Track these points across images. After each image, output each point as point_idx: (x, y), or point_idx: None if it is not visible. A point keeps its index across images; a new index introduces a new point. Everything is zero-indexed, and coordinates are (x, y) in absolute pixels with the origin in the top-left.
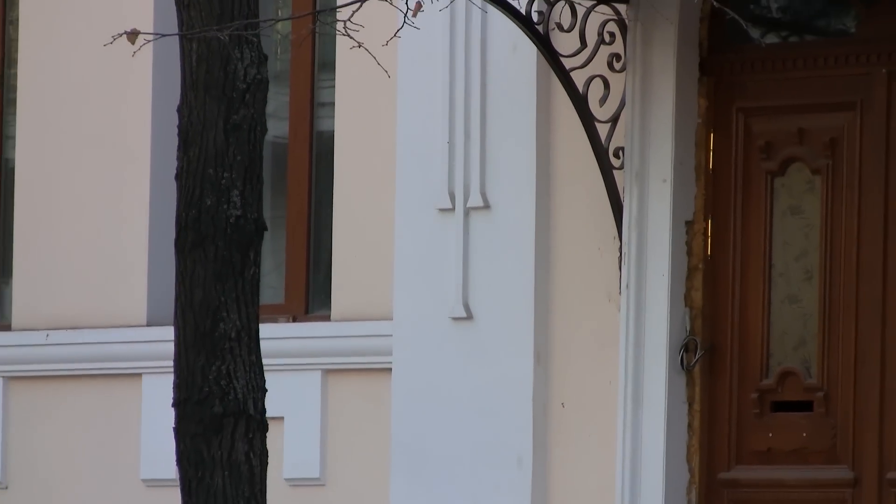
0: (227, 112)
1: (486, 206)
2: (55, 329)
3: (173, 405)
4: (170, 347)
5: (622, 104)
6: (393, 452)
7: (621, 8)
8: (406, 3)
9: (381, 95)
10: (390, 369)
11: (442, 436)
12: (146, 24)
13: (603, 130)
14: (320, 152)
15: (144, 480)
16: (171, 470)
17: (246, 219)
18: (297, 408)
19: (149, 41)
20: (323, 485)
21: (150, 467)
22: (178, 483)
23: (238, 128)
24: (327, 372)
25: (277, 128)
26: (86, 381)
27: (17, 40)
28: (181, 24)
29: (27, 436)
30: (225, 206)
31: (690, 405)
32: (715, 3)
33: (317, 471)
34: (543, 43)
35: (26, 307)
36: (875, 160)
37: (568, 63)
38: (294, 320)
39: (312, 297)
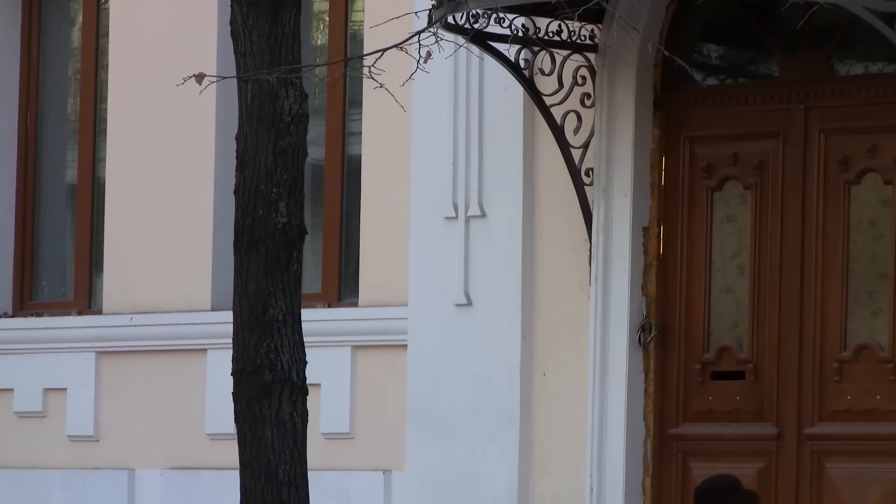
0: (275, 139)
1: (483, 215)
2: (137, 313)
3: (232, 374)
4: (229, 328)
5: (592, 133)
6: (408, 412)
7: (591, 56)
8: (419, 52)
9: (399, 126)
10: (406, 345)
11: (447, 399)
12: (210, 68)
13: (576, 154)
14: (350, 172)
15: (209, 434)
16: (230, 426)
17: (290, 225)
18: (332, 376)
19: (212, 82)
20: (352, 438)
21: (213, 424)
22: (235, 437)
23: (284, 152)
24: (356, 347)
25: (316, 152)
26: (162, 355)
27: (106, 82)
28: (238, 68)
29: (114, 398)
30: (273, 215)
31: (646, 374)
32: (666, 53)
33: (347, 427)
34: (529, 84)
35: (114, 295)
36: (794, 178)
37: (548, 100)
38: (329, 306)
39: (344, 288)
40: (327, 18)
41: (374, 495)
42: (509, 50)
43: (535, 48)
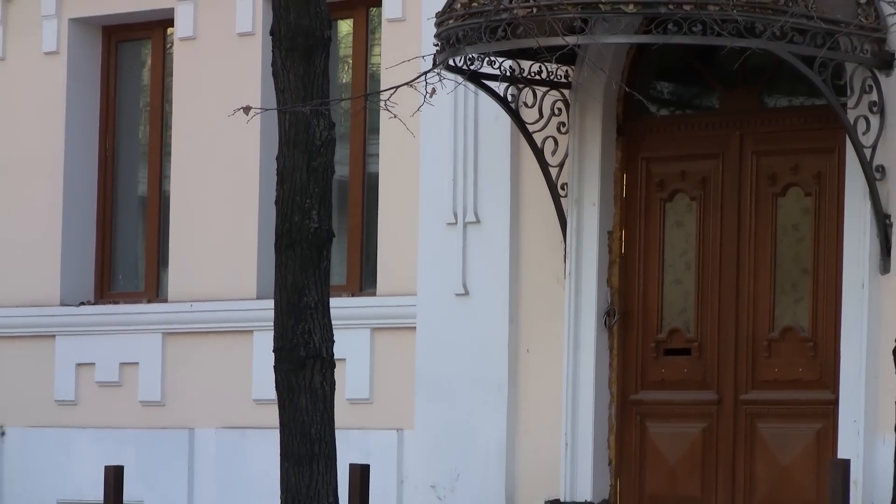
0: (308, 160)
1: (478, 222)
2: (196, 301)
3: (273, 351)
4: (271, 313)
5: (566, 155)
6: (416, 381)
7: (566, 92)
8: (426, 89)
9: (410, 149)
10: (415, 327)
11: (448, 371)
12: (255, 102)
13: (553, 172)
14: (370, 186)
15: (254, 400)
16: (271, 393)
17: (321, 229)
18: (354, 352)
19: (257, 113)
20: (371, 402)
21: (258, 391)
22: (276, 402)
23: (315, 170)
24: (374, 329)
25: (341, 170)
26: (216, 335)
27: (171, 113)
28: (278, 102)
29: (177, 371)
30: (307, 222)
31: (611, 351)
32: (626, 89)
33: (367, 393)
34: (515, 115)
35: (177, 287)
36: (731, 191)
37: (531, 128)
38: (352, 295)
39: (364, 280)
40: (351, 61)
41: (388, 449)
42: (499, 87)
43: (520, 85)
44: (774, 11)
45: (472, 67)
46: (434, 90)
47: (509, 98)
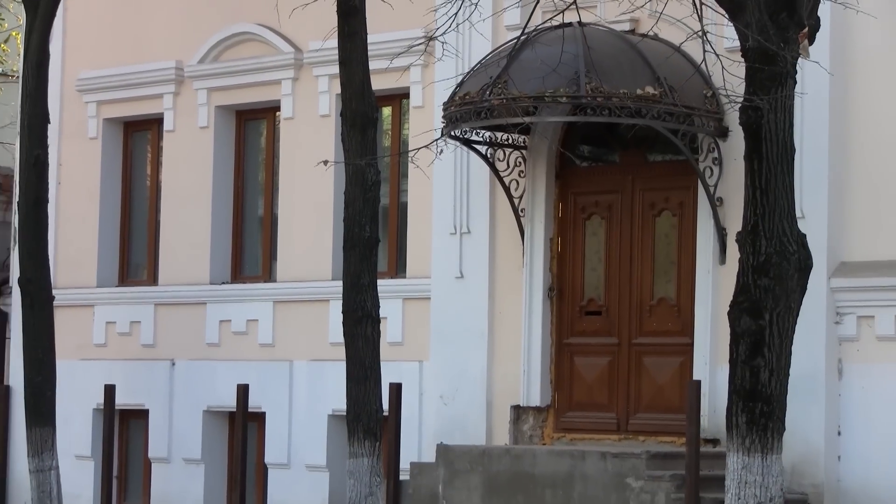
0: (363, 194)
1: (469, 232)
2: (294, 281)
3: (342, 312)
4: (341, 289)
5: (524, 190)
6: (431, 331)
7: (524, 151)
8: (437, 148)
9: (426, 186)
10: (430, 298)
11: (450, 325)
12: (331, 156)
13: (516, 201)
14: (402, 209)
15: (331, 343)
16: (341, 338)
17: (371, 237)
18: (392, 313)
19: (332, 164)
20: (403, 344)
21: (333, 337)
22: (344, 344)
23: (368, 200)
24: (405, 299)
25: (385, 200)
26: (307, 302)
27: (278, 164)
28: (345, 158)
29: (283, 325)
30: (363, 232)
31: (552, 312)
32: (562, 150)
33: (400, 338)
34: (492, 166)
35: (283, 272)
36: (626, 214)
37: (502, 174)
38: (391, 278)
39: (398, 268)
40: (390, 132)
41: (413, 374)
42: (483, 148)
43: (495, 147)
44: (654, 101)
45: (465, 136)
46: (442, 150)
47: (488, 155)
